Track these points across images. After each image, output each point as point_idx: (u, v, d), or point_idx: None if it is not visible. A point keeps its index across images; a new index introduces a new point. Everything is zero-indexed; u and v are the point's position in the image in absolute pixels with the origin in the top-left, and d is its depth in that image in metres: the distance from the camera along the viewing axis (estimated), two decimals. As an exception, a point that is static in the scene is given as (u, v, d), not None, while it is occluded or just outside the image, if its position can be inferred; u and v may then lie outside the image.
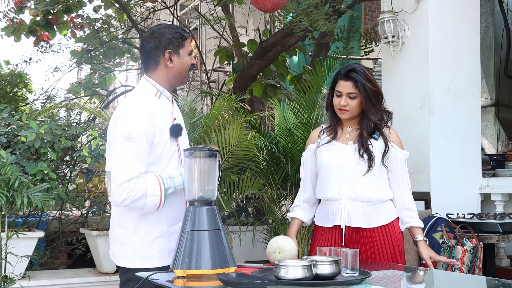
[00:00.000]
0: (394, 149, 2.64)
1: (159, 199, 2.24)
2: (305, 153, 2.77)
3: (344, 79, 2.60)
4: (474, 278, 2.76)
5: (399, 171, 2.65)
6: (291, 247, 2.35)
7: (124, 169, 2.20)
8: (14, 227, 3.73)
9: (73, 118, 4.84)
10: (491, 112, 7.18)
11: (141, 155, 2.23)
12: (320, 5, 4.39)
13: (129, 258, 2.33)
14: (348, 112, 2.61)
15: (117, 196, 2.21)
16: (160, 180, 2.26)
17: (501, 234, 3.62)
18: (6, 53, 27.09)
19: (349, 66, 2.62)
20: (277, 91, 5.99)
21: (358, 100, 2.60)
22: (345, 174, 2.59)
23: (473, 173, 4.27)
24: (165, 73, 2.38)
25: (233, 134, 3.59)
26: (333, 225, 2.62)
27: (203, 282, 2.00)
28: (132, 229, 2.32)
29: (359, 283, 2.01)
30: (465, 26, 4.26)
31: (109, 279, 3.83)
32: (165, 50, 2.36)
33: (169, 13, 7.77)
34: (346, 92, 2.59)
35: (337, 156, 2.62)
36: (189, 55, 2.41)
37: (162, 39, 2.36)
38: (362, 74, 2.58)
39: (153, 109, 2.30)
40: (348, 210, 2.59)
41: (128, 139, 2.21)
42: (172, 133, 2.34)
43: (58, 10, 5.94)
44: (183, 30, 2.43)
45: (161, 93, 2.38)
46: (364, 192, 2.58)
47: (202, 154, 2.13)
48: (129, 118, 2.26)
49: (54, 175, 3.55)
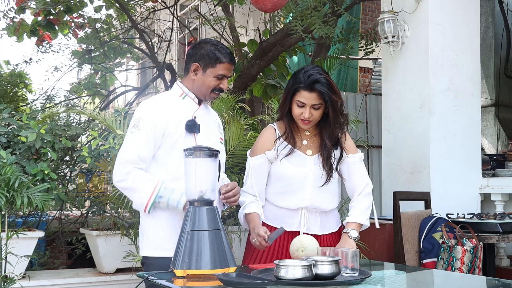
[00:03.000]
0: (349, 157, 2.61)
1: (146, 201, 2.34)
2: (258, 158, 2.59)
3: (308, 90, 2.46)
4: (474, 278, 2.76)
5: (352, 177, 2.61)
6: (313, 244, 2.38)
7: (125, 151, 2.39)
8: (14, 227, 3.73)
9: (73, 118, 4.84)
10: (491, 112, 7.18)
11: (144, 141, 2.38)
12: (320, 6, 4.39)
13: (144, 247, 2.47)
14: (311, 122, 2.53)
15: (114, 174, 2.40)
16: (157, 186, 2.34)
17: (501, 234, 3.62)
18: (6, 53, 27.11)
19: (312, 76, 2.46)
20: (277, 91, 5.98)
21: (321, 110, 2.51)
22: (307, 188, 2.56)
23: (473, 173, 4.27)
24: (190, 83, 2.52)
25: (233, 134, 3.60)
26: (290, 229, 2.58)
27: (203, 282, 2.00)
28: (146, 220, 2.45)
29: (359, 283, 2.01)
30: (465, 26, 4.26)
31: (109, 279, 3.83)
32: (195, 62, 2.48)
33: (169, 13, 7.77)
34: (311, 104, 2.47)
35: (299, 171, 2.56)
36: (218, 78, 2.47)
37: (198, 52, 2.48)
38: (327, 86, 2.46)
39: (171, 104, 2.46)
40: (307, 218, 2.59)
41: (135, 126, 2.41)
42: (186, 128, 2.44)
43: (59, 10, 5.95)
44: (224, 54, 2.47)
45: (186, 94, 2.52)
46: (322, 203, 2.59)
47: (202, 154, 2.14)
48: (140, 109, 2.45)
49: (54, 175, 3.56)
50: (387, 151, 4.35)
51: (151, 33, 8.86)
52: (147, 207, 2.35)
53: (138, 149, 2.37)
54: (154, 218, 2.42)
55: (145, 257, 2.46)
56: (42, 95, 7.21)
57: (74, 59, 7.40)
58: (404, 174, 4.15)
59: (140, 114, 2.42)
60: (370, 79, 8.91)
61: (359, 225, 2.59)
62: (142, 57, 8.81)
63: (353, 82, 8.43)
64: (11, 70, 7.35)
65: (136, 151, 2.36)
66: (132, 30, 7.59)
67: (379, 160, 6.73)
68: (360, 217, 2.59)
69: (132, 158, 2.36)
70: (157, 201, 2.34)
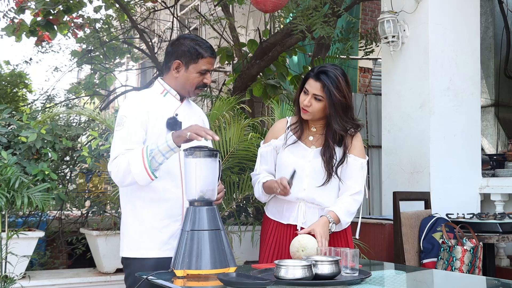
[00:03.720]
0: (351, 158, 2.60)
1: (143, 165, 2.22)
2: (266, 146, 2.68)
3: (314, 79, 2.52)
4: (474, 278, 2.76)
5: (346, 178, 2.59)
6: (313, 244, 2.37)
7: (114, 148, 2.34)
8: (14, 227, 3.73)
9: (73, 119, 4.84)
10: (491, 112, 7.18)
11: (129, 135, 2.33)
12: (320, 6, 4.39)
13: (125, 247, 2.42)
14: (309, 113, 2.55)
15: (110, 172, 2.34)
16: (143, 148, 2.27)
17: (501, 234, 3.62)
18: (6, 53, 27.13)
19: (323, 67, 2.53)
20: (277, 91, 5.99)
21: (323, 104, 2.53)
22: (304, 179, 2.57)
23: (473, 173, 4.28)
24: (172, 80, 2.46)
25: (234, 135, 3.60)
26: (288, 223, 2.61)
27: (203, 282, 2.00)
28: (128, 220, 2.41)
29: (359, 283, 2.01)
30: (465, 26, 4.26)
31: (109, 279, 3.83)
32: (176, 59, 2.42)
33: (169, 13, 7.78)
34: (313, 93, 2.52)
35: (298, 161, 2.58)
36: (201, 73, 2.42)
37: (178, 49, 2.42)
38: (332, 80, 2.49)
39: (151, 101, 2.41)
40: (304, 211, 2.59)
41: (119, 124, 2.36)
42: (167, 125, 2.39)
43: (59, 10, 5.95)
44: (205, 48, 2.42)
45: (167, 91, 2.47)
46: (320, 197, 2.58)
47: (202, 154, 2.14)
48: (123, 106, 2.42)
49: (55, 175, 3.56)
50: (387, 151, 4.35)
51: (151, 33, 8.86)
52: (148, 170, 2.23)
53: (124, 142, 2.31)
54: (137, 219, 2.38)
55: (126, 258, 2.41)
56: (42, 95, 7.22)
57: (74, 59, 7.41)
58: (404, 174, 4.16)
59: (123, 112, 2.38)
60: (370, 79, 8.91)
61: (339, 221, 2.53)
62: (142, 57, 8.82)
63: (353, 82, 8.43)
64: (11, 70, 7.35)
65: (123, 145, 2.31)
66: (132, 30, 7.59)
67: (379, 160, 6.73)
68: (343, 216, 2.54)
69: (115, 156, 2.31)
70: (150, 158, 2.22)
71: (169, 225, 2.37)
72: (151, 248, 2.36)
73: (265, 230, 2.70)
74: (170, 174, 2.36)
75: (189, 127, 2.23)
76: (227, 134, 3.63)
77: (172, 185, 2.38)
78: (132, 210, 2.40)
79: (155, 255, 2.35)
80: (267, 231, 2.68)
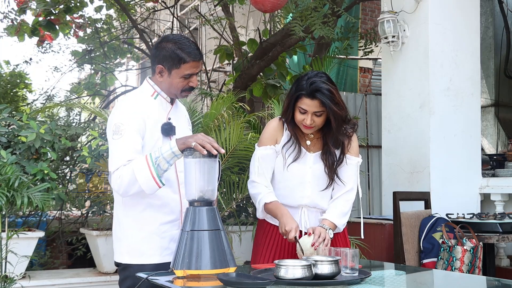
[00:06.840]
0: (347, 158, 2.60)
1: (149, 173, 2.19)
2: (265, 149, 2.60)
3: (309, 98, 2.44)
4: (474, 278, 2.76)
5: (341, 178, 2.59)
6: (309, 243, 2.38)
7: (113, 160, 2.28)
8: (14, 227, 3.73)
9: (72, 118, 4.84)
10: (491, 112, 7.18)
11: (130, 145, 2.26)
12: (320, 6, 4.39)
13: (124, 253, 2.38)
14: (314, 128, 2.53)
15: (113, 186, 2.28)
16: (147, 155, 2.23)
17: (501, 234, 3.62)
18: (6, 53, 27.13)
19: (314, 84, 2.43)
20: (277, 91, 5.98)
21: (324, 116, 2.50)
22: (306, 185, 2.57)
23: (473, 173, 4.28)
24: (159, 82, 2.40)
25: (233, 134, 3.59)
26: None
27: (203, 282, 2.00)
28: (127, 226, 2.37)
29: (359, 283, 2.01)
30: (465, 26, 4.26)
31: (109, 279, 3.83)
32: (158, 64, 2.36)
33: (169, 13, 7.78)
34: (312, 111, 2.46)
35: (300, 167, 2.57)
36: (185, 78, 2.34)
37: (160, 53, 2.34)
38: (327, 96, 2.43)
39: (144, 106, 2.35)
40: (307, 216, 2.59)
41: (116, 132, 2.28)
42: (162, 131, 2.35)
43: (60, 10, 5.95)
44: (187, 53, 2.32)
45: (158, 94, 2.41)
46: (323, 202, 2.59)
47: (201, 154, 2.14)
48: (117, 113, 2.33)
49: (54, 175, 3.56)
50: (387, 151, 4.35)
51: (151, 33, 8.87)
52: (156, 178, 2.19)
53: (125, 153, 2.25)
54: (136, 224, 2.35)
55: (124, 263, 2.37)
56: (42, 95, 7.22)
57: (74, 59, 7.41)
58: (404, 174, 4.16)
59: (119, 119, 2.29)
60: (370, 79, 8.91)
61: (335, 226, 2.54)
62: (142, 57, 8.82)
63: (353, 82, 8.43)
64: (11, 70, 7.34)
65: (121, 160, 2.24)
66: (132, 30, 7.59)
67: (379, 160, 6.73)
68: (338, 220, 2.55)
69: (118, 167, 2.25)
70: (156, 165, 2.19)
71: (169, 230, 2.36)
72: (152, 254, 2.34)
73: (263, 234, 2.67)
74: (167, 181, 2.33)
75: (194, 135, 2.19)
76: (226, 133, 3.62)
77: (170, 190, 2.36)
78: (131, 215, 2.36)
79: (156, 261, 2.33)
80: (266, 235, 2.66)
